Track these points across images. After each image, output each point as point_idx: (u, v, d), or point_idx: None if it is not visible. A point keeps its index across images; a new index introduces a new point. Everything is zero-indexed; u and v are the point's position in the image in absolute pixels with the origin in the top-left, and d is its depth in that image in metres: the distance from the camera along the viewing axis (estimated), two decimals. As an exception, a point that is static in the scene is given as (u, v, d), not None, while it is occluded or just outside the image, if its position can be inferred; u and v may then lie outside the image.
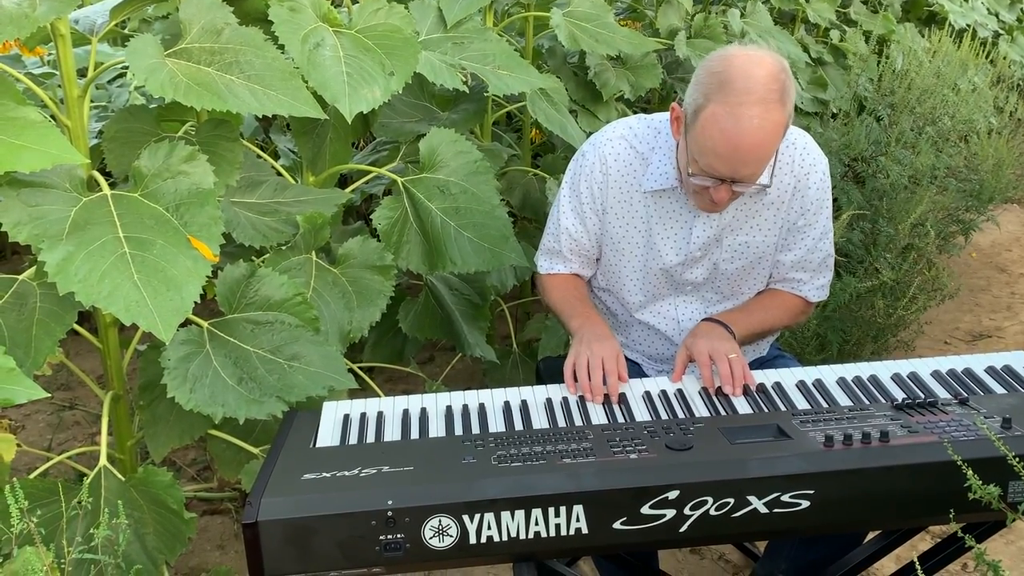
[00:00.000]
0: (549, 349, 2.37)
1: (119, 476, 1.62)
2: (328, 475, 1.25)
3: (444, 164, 1.99)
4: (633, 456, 1.25)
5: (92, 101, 2.21)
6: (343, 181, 2.44)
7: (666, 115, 1.68)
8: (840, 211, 2.88)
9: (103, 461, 1.63)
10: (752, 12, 3.32)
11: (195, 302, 1.35)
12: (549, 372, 2.05)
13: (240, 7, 1.63)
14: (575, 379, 1.54)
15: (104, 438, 1.66)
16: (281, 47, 1.60)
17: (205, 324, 1.61)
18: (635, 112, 2.86)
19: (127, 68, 1.76)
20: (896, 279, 2.84)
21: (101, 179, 1.45)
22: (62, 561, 1.37)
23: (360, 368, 2.22)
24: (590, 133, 2.52)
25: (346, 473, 1.25)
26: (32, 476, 1.71)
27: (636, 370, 1.84)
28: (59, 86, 1.60)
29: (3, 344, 1.35)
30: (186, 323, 1.53)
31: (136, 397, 1.76)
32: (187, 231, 1.42)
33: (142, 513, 1.62)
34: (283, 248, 1.77)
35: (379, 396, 2.16)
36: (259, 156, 1.94)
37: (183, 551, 1.65)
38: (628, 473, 1.21)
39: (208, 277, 1.40)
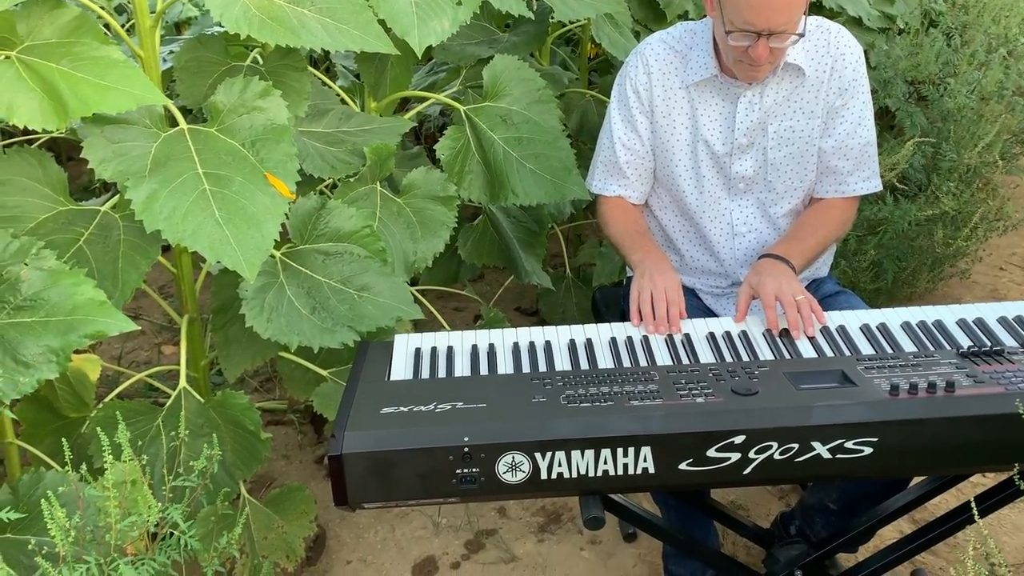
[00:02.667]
0: (604, 276, 2.39)
1: (199, 398, 1.71)
2: (405, 409, 1.30)
3: (507, 92, 1.98)
4: (700, 400, 1.28)
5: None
6: (401, 102, 2.43)
7: (701, 20, 1.77)
8: (903, 135, 2.80)
9: (183, 383, 1.71)
10: (822, -80, 3.15)
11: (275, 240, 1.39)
12: (606, 303, 2.09)
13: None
14: (639, 314, 1.57)
15: (183, 361, 1.74)
16: (350, -23, 1.57)
17: (278, 255, 1.65)
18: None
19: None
20: (958, 208, 2.78)
21: (178, 114, 1.47)
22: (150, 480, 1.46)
23: (416, 291, 2.27)
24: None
25: (422, 408, 1.30)
26: (112, 396, 1.81)
27: (694, 302, 1.86)
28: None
29: (91, 277, 1.40)
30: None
31: (211, 320, 1.83)
32: (263, 167, 1.45)
33: (220, 433, 1.70)
34: (350, 179, 1.79)
35: (437, 318, 2.22)
36: (324, 84, 1.94)
37: (258, 468, 1.74)
38: (695, 417, 1.25)
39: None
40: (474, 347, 1.52)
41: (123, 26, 1.65)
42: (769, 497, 2.25)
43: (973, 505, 1.35)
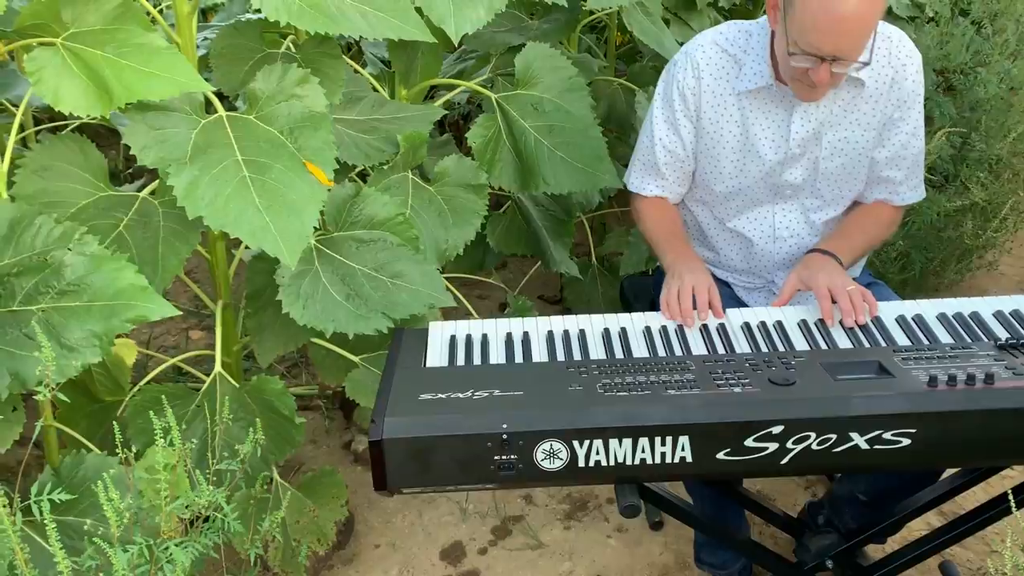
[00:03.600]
0: (631, 265, 2.39)
1: (233, 383, 1.72)
2: (443, 396, 1.31)
3: (539, 80, 1.98)
4: (737, 390, 1.29)
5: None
6: (429, 89, 2.44)
7: (755, 21, 1.71)
8: (932, 125, 2.78)
9: (218, 368, 1.73)
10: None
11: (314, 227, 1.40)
12: (635, 292, 2.09)
13: (345, -79, 1.61)
14: (668, 310, 1.56)
15: (219, 346, 1.76)
16: (386, -36, 1.57)
17: (313, 242, 1.66)
18: (727, 20, 2.76)
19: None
20: (987, 199, 2.75)
21: (216, 101, 1.48)
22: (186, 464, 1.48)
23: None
24: (683, 44, 2.47)
25: (460, 395, 1.31)
26: (146, 380, 1.83)
27: (727, 292, 1.86)
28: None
29: (132, 262, 1.42)
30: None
31: (244, 305, 1.85)
32: (301, 155, 1.45)
33: (254, 417, 1.72)
34: (384, 167, 1.80)
35: (465, 306, 2.23)
36: (356, 71, 1.95)
37: (291, 452, 1.76)
38: (733, 407, 1.25)
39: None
40: (508, 335, 1.53)
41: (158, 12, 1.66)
42: (796, 487, 2.25)
43: (1011, 496, 1.35)
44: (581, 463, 1.25)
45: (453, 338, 1.52)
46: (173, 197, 1.40)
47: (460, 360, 1.46)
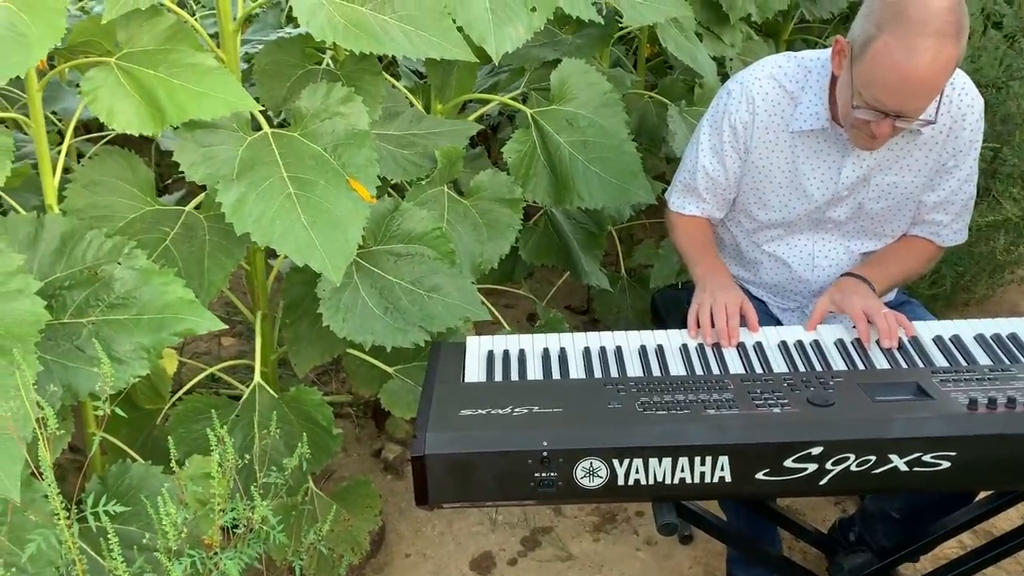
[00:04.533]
0: (662, 278, 2.40)
1: (272, 393, 1.75)
2: (483, 412, 1.33)
3: (574, 96, 1.99)
4: (776, 411, 1.30)
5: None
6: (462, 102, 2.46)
7: (815, 54, 1.67)
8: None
9: (257, 379, 1.76)
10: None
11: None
12: (666, 305, 2.09)
13: (388, -59, 1.63)
14: (698, 325, 1.57)
15: (258, 357, 1.78)
16: (427, -18, 1.60)
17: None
18: (759, 34, 2.76)
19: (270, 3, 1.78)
20: (1020, 215, 2.74)
21: (262, 119, 1.50)
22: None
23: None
24: (715, 59, 2.48)
25: (499, 411, 1.33)
26: (186, 389, 1.86)
27: (762, 308, 1.86)
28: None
29: (179, 276, 1.44)
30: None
31: (281, 316, 1.88)
32: (345, 172, 1.48)
33: (292, 427, 1.75)
34: (421, 182, 1.82)
35: (498, 319, 2.24)
36: (393, 86, 1.97)
37: (327, 462, 1.79)
38: (773, 428, 1.26)
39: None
40: (545, 350, 1.54)
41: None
42: (825, 503, 2.25)
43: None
44: (620, 481, 1.27)
45: (491, 353, 1.54)
46: (218, 212, 1.43)
47: (498, 375, 1.48)
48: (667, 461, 1.25)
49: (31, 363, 1.14)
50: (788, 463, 1.25)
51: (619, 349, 1.54)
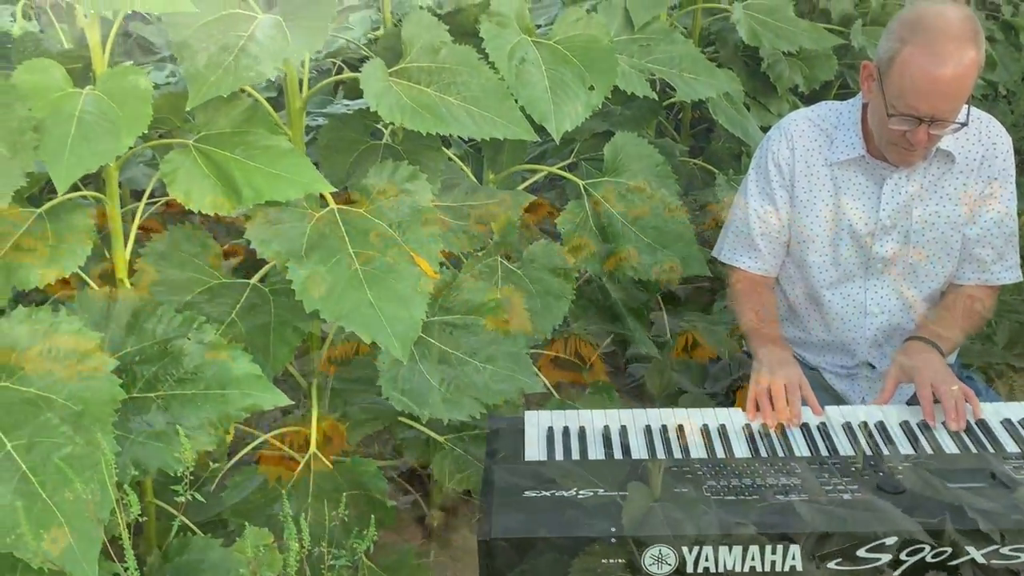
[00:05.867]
0: (707, 352, 2.39)
1: (327, 463, 1.75)
2: (547, 494, 1.32)
3: (627, 167, 2.02)
4: (846, 497, 1.28)
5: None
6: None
7: (845, 101, 1.77)
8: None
9: (313, 448, 1.76)
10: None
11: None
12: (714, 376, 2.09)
13: (451, 23, 1.68)
14: (756, 407, 1.56)
15: (314, 426, 1.79)
16: (491, 64, 1.64)
17: (412, 328, 1.70)
18: (804, 103, 2.79)
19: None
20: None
21: (330, 198, 1.53)
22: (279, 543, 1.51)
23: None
24: (762, 127, 2.50)
25: (564, 494, 1.32)
26: (241, 455, 1.86)
27: (816, 377, 1.85)
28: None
29: (246, 351, 1.46)
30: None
31: (335, 385, 1.89)
32: (408, 248, 1.50)
33: (343, 495, 1.74)
34: (478, 253, 1.84)
35: (550, 389, 2.24)
36: (450, 159, 2.01)
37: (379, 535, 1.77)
38: (845, 518, 1.24)
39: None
40: (606, 427, 1.54)
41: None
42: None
43: None
44: (689, 569, 1.25)
45: (550, 430, 1.54)
46: (282, 285, 1.46)
47: (559, 454, 1.47)
48: (737, 549, 1.24)
49: (110, 443, 1.15)
50: (861, 553, 1.23)
51: (680, 428, 1.53)
